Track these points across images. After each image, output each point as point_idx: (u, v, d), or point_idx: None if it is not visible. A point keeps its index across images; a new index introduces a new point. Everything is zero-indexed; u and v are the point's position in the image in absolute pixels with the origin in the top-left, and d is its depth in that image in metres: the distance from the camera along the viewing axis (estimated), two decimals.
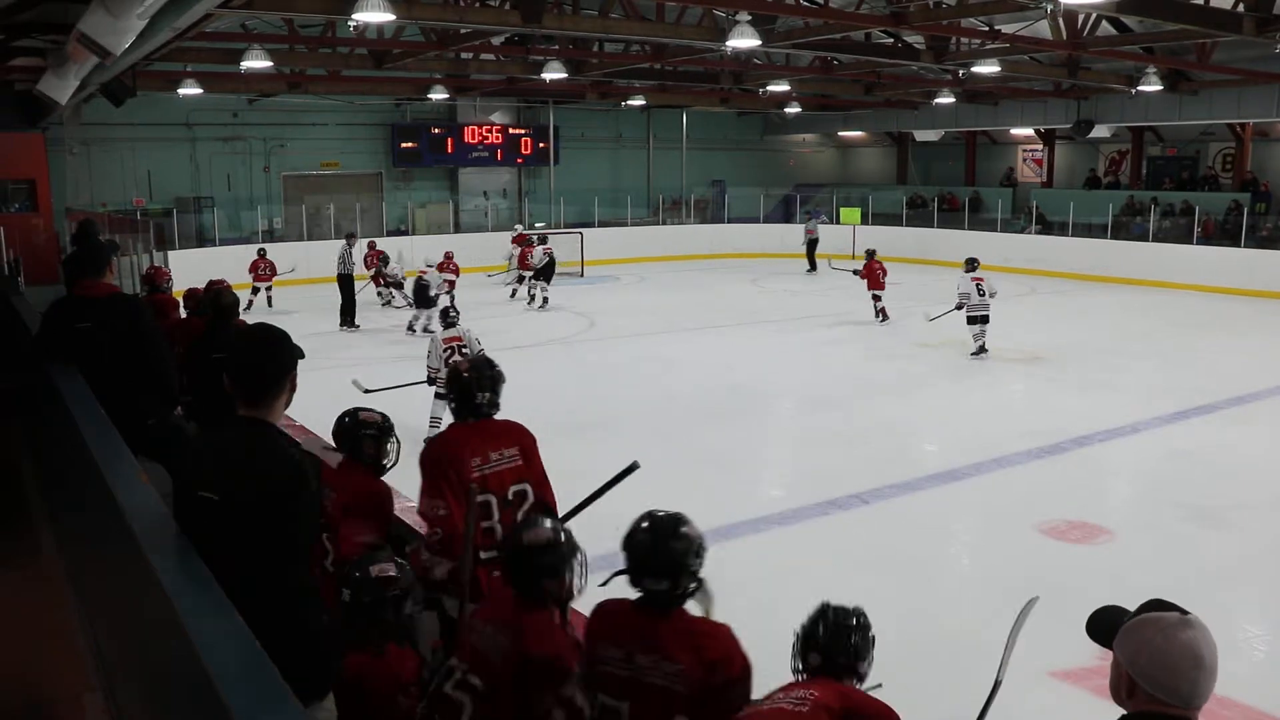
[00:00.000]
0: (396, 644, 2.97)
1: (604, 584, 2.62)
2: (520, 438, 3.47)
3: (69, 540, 4.19)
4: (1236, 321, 16.99)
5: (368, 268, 18.23)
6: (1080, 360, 13.47)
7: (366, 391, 8.92)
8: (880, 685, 2.60)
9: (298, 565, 2.56)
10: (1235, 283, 19.11)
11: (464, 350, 9.09)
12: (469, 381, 3.43)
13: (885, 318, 16.19)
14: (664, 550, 2.45)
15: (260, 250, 18.22)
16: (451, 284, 16.97)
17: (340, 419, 3.83)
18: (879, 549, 7.04)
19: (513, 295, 19.20)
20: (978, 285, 13.22)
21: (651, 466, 3.31)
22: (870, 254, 16.90)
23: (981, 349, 13.32)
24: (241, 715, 1.64)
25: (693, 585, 2.48)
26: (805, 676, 2.50)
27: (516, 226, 23.04)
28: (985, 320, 13.24)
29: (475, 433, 3.40)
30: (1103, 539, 7.22)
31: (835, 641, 2.51)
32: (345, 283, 16.24)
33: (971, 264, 13.61)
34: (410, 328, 15.32)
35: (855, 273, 16.74)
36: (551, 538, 2.63)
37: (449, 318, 9.60)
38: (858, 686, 2.50)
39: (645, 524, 2.52)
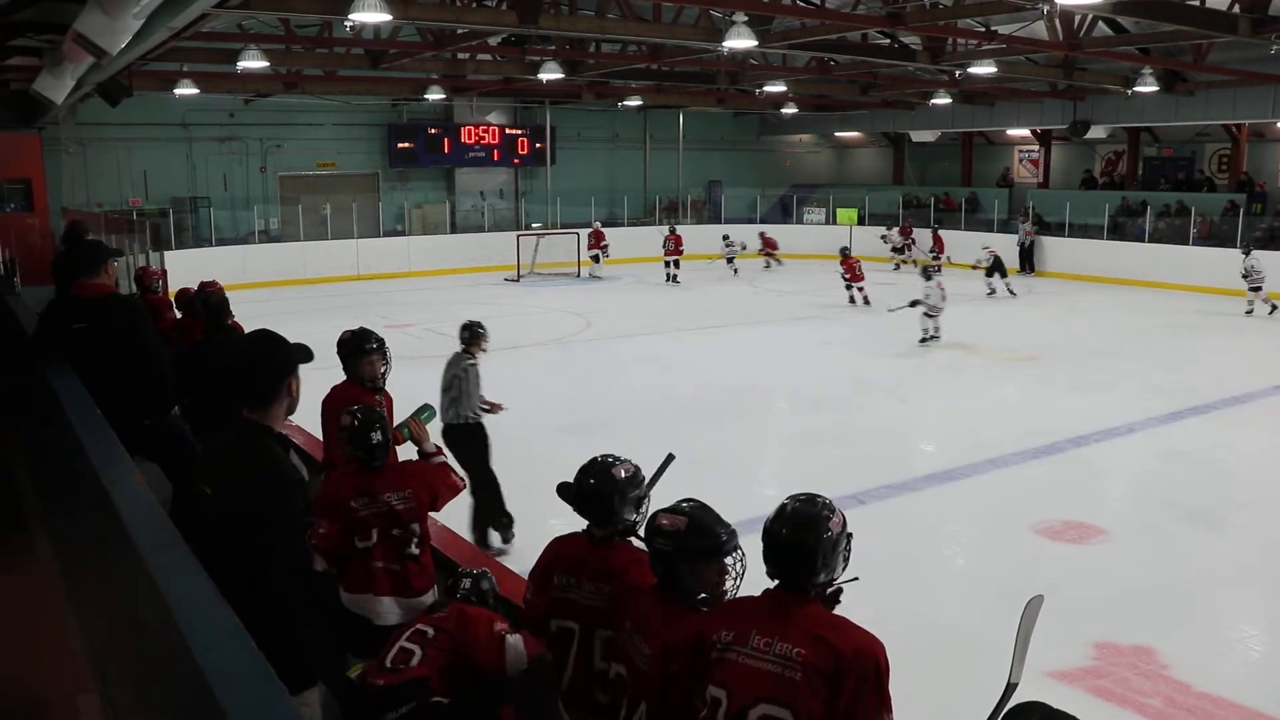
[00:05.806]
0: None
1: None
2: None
3: (64, 541, 4.18)
4: (1232, 322, 17.03)
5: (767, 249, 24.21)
6: (1076, 361, 13.48)
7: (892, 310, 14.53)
8: (857, 579, 2.56)
9: (283, 563, 2.60)
10: (1231, 283, 19.08)
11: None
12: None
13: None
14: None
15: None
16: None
17: None
18: (874, 550, 6.95)
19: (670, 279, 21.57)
20: None
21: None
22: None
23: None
24: (237, 716, 1.64)
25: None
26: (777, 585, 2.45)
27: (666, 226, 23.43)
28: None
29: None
30: (1098, 539, 7.23)
31: (797, 559, 2.45)
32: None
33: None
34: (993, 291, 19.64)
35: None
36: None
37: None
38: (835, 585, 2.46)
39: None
